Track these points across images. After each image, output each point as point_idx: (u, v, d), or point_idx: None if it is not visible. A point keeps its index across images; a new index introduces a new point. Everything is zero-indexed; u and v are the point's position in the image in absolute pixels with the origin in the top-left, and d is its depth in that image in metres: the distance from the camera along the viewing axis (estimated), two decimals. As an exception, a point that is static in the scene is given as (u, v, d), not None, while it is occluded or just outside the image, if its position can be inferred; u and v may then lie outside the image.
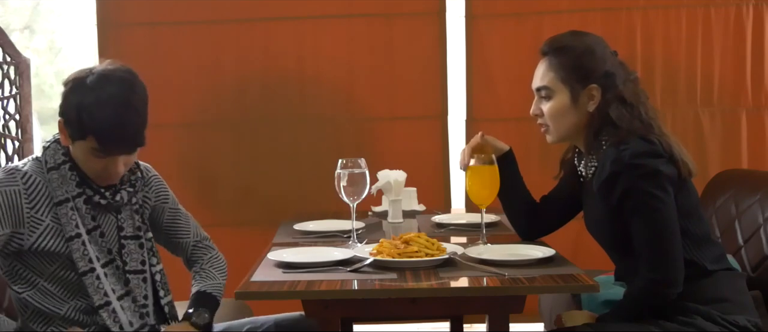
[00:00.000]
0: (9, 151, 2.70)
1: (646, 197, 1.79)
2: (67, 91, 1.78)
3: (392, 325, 3.26)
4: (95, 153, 1.77)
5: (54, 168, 1.82)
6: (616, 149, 1.82)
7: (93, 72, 1.77)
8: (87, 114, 1.73)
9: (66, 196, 1.81)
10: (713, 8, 3.22)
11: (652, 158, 1.81)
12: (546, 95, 1.98)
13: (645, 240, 1.81)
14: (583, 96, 1.93)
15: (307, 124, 3.31)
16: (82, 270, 1.81)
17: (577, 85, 1.93)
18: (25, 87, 2.77)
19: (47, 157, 1.84)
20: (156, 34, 3.28)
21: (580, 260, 2.28)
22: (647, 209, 1.80)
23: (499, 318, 1.74)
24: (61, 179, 1.82)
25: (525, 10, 3.27)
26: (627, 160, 1.79)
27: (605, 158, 1.85)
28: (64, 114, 1.79)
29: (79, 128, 1.75)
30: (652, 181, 1.79)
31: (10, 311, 2.01)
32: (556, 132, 1.99)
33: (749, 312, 1.87)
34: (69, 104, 1.77)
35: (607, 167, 1.82)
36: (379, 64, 3.30)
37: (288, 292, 1.68)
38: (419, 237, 1.88)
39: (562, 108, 1.95)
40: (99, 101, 1.73)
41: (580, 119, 1.95)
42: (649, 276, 1.81)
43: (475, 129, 3.28)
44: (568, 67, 1.93)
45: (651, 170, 1.79)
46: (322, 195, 2.60)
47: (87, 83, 1.75)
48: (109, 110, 1.73)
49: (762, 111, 3.26)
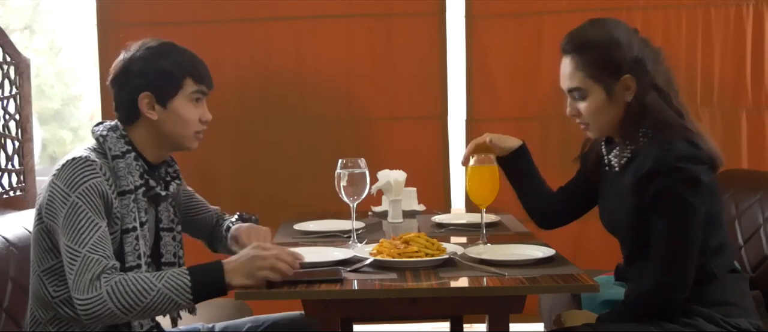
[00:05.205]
0: (9, 151, 2.70)
1: (678, 202, 1.76)
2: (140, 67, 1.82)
3: (392, 325, 3.26)
4: (194, 95, 1.85)
5: (119, 157, 1.78)
6: (660, 148, 1.79)
7: (142, 46, 1.85)
8: (174, 63, 1.83)
9: (130, 187, 1.78)
10: (713, 8, 3.22)
11: (695, 164, 1.78)
12: (580, 95, 1.91)
13: (664, 242, 1.79)
14: (618, 89, 1.87)
15: (307, 124, 3.31)
16: (130, 264, 1.76)
17: (610, 79, 1.87)
18: (25, 87, 2.76)
19: (110, 145, 1.79)
20: (156, 34, 3.21)
21: (580, 260, 2.28)
22: (677, 214, 1.77)
23: (499, 318, 1.74)
24: (127, 168, 1.78)
25: (525, 10, 3.27)
26: (670, 162, 1.76)
27: (647, 155, 1.81)
28: (148, 85, 1.81)
29: (173, 79, 1.82)
30: (689, 188, 1.76)
31: (10, 311, 2.01)
32: (597, 129, 1.94)
33: (751, 315, 1.86)
34: (149, 72, 1.82)
35: (649, 165, 1.79)
36: (379, 64, 3.30)
37: (288, 292, 1.68)
38: (419, 237, 1.87)
39: (600, 105, 1.89)
40: (175, 48, 1.86)
41: (618, 111, 1.89)
42: (658, 278, 1.80)
43: (475, 129, 3.30)
44: (597, 64, 1.87)
45: (691, 177, 1.76)
46: (322, 195, 2.60)
47: (152, 48, 1.84)
48: (186, 52, 1.87)
49: (762, 111, 3.26)
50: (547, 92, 3.27)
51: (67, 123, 7.65)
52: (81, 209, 1.67)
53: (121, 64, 1.85)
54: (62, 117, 7.64)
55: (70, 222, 1.66)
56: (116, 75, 1.85)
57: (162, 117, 1.83)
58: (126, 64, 1.84)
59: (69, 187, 1.68)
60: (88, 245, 1.65)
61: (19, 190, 2.73)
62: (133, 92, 1.82)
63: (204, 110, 1.89)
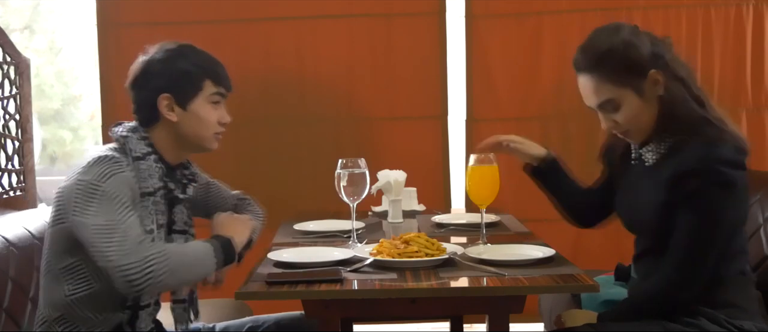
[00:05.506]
0: (9, 151, 2.70)
1: (710, 204, 1.75)
2: (159, 68, 1.82)
3: (392, 325, 3.26)
4: (214, 97, 1.86)
5: (140, 158, 1.78)
6: (706, 148, 1.77)
7: (161, 48, 1.85)
8: (193, 64, 1.84)
9: (150, 189, 1.78)
10: (713, 8, 3.23)
11: (735, 170, 1.77)
12: (613, 107, 1.86)
13: (685, 241, 1.77)
14: (648, 87, 1.83)
15: (307, 124, 3.31)
16: None
17: (638, 80, 1.83)
18: (25, 87, 2.76)
19: (132, 146, 1.79)
20: (156, 34, 3.23)
21: (580, 260, 2.28)
22: (705, 215, 1.76)
23: (499, 318, 1.74)
24: (148, 170, 1.78)
25: (525, 10, 3.27)
26: (712, 164, 1.75)
27: (690, 152, 1.78)
28: (168, 87, 1.81)
29: (193, 80, 1.83)
30: (725, 192, 1.75)
31: (10, 311, 2.01)
32: (639, 133, 1.90)
33: (756, 319, 1.84)
34: (168, 74, 1.82)
35: (690, 163, 1.76)
36: (379, 64, 3.30)
37: (288, 292, 1.68)
38: (419, 237, 1.87)
39: (637, 109, 1.85)
40: (194, 50, 1.86)
41: (653, 108, 1.85)
42: (672, 275, 1.79)
43: (475, 129, 3.30)
44: (620, 70, 1.82)
45: (729, 181, 1.75)
46: (322, 195, 2.60)
47: (172, 50, 1.84)
48: (206, 54, 1.88)
49: (762, 111, 3.26)
50: (547, 92, 3.28)
51: (67, 123, 7.65)
52: (114, 195, 1.67)
53: (141, 67, 1.85)
54: (62, 117, 7.64)
55: (104, 208, 1.65)
56: (136, 77, 1.85)
57: (181, 119, 1.83)
58: (145, 66, 1.84)
59: (99, 179, 1.68)
60: (126, 221, 1.66)
61: (19, 190, 2.73)
62: (153, 93, 1.82)
63: (223, 112, 1.89)
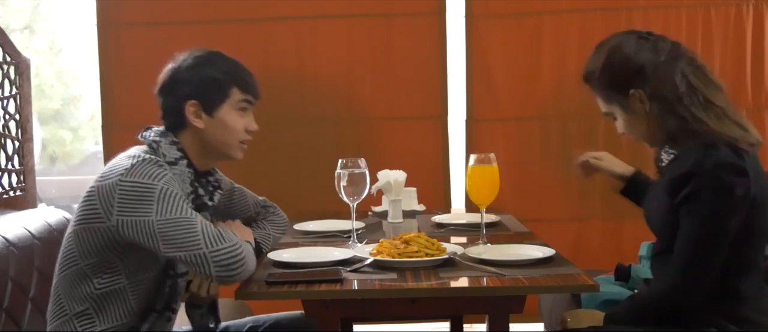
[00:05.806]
0: (9, 151, 2.70)
1: (706, 209, 1.72)
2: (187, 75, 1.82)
3: (392, 325, 3.26)
4: (241, 104, 1.86)
5: (173, 163, 1.77)
6: (702, 151, 1.75)
7: (190, 55, 1.85)
8: (221, 71, 1.84)
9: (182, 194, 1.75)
10: (713, 8, 3.23)
11: (732, 175, 1.72)
12: (613, 117, 1.94)
13: (685, 246, 1.75)
14: (632, 104, 1.86)
15: (307, 124, 3.31)
16: (172, 272, 1.78)
17: (621, 98, 1.86)
18: (25, 87, 2.76)
19: (164, 151, 1.78)
20: (156, 34, 3.28)
21: (580, 260, 2.28)
22: (703, 218, 1.73)
23: (499, 318, 1.74)
24: (180, 175, 1.78)
25: (525, 10, 3.27)
26: (708, 167, 1.72)
27: (688, 156, 1.77)
28: (195, 93, 1.81)
29: (220, 87, 1.83)
30: (722, 197, 1.72)
31: (10, 311, 2.01)
32: (648, 140, 1.92)
33: None
34: (195, 81, 1.82)
35: (686, 167, 1.75)
36: (379, 64, 3.30)
37: (288, 292, 1.68)
38: (419, 237, 1.87)
39: (628, 122, 1.89)
40: (222, 57, 1.87)
41: (645, 122, 1.87)
42: (675, 281, 1.76)
43: (475, 129, 3.30)
44: (603, 88, 1.89)
45: (725, 186, 1.71)
46: (322, 195, 2.60)
47: (200, 57, 1.85)
48: (233, 61, 1.88)
49: (762, 111, 3.26)
50: (547, 92, 3.28)
51: (67, 123, 7.66)
52: (174, 193, 1.67)
53: (169, 73, 1.84)
54: (62, 117, 7.65)
55: (166, 206, 1.64)
56: (164, 84, 1.85)
57: (208, 125, 1.83)
58: (173, 72, 1.84)
59: (152, 179, 1.66)
60: (195, 214, 1.67)
61: (19, 190, 2.73)
62: (180, 99, 1.81)
63: (250, 119, 1.89)
